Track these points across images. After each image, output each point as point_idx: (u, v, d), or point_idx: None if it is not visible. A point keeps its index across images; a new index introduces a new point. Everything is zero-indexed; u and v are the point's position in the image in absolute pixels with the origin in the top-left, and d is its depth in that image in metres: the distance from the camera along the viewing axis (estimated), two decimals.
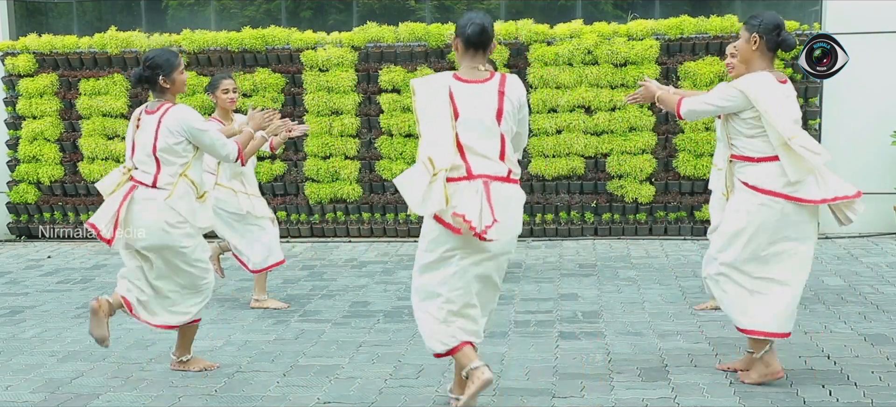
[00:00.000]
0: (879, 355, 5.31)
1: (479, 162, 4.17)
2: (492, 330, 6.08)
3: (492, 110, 4.20)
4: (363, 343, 5.84)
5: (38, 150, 10.38)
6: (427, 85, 4.28)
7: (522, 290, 7.30)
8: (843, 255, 8.50)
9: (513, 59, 9.82)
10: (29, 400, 4.93)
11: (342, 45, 9.94)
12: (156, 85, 5.04)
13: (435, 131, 4.18)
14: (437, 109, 4.19)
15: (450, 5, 10.89)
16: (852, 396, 4.64)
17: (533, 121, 9.70)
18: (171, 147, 4.95)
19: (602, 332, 5.98)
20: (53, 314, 6.86)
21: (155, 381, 5.19)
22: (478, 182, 4.13)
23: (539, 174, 9.79)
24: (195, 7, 11.19)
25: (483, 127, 4.18)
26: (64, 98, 10.42)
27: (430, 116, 4.20)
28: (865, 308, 6.44)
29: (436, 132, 4.17)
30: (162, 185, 4.97)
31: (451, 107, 4.19)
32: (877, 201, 9.66)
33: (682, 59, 9.56)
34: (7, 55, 10.45)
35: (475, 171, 4.15)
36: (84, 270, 8.61)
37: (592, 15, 10.36)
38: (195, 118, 5.02)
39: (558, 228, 9.77)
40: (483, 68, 4.29)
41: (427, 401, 4.76)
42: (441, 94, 4.20)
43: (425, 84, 4.28)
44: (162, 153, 4.96)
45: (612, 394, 4.77)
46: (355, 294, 7.28)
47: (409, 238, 9.86)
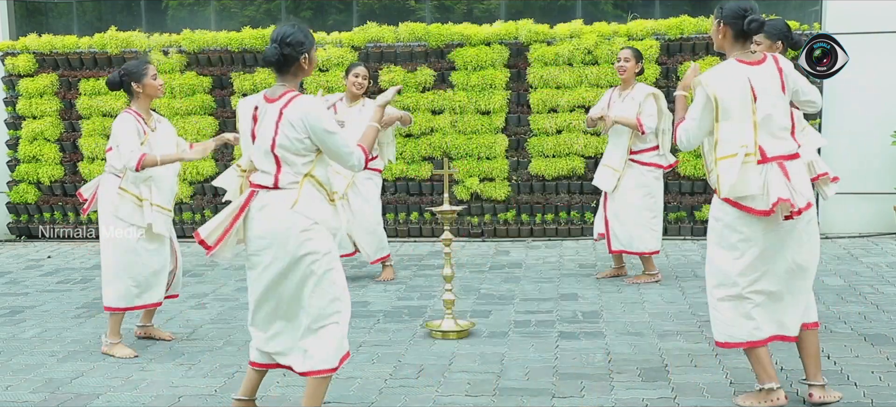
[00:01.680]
0: (879, 355, 5.31)
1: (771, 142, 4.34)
2: (492, 330, 6.08)
3: (778, 85, 4.40)
4: (363, 343, 5.84)
5: (38, 150, 10.38)
6: (721, 76, 4.37)
7: (522, 290, 7.30)
8: (843, 255, 8.50)
9: (513, 59, 9.82)
10: (29, 400, 4.93)
11: (342, 45, 9.94)
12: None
13: (738, 120, 4.30)
14: (739, 98, 4.31)
15: (450, 5, 10.89)
16: (852, 395, 4.64)
17: (532, 121, 9.71)
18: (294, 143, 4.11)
19: (602, 332, 5.98)
20: (53, 314, 6.87)
21: (155, 381, 5.19)
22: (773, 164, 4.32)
23: (539, 174, 9.79)
24: (195, 7, 11.20)
25: (781, 103, 4.37)
26: (64, 98, 10.42)
27: (730, 106, 4.30)
28: (865, 308, 6.44)
29: (739, 121, 4.30)
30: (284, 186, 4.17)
31: (751, 92, 4.32)
32: (877, 201, 9.66)
33: (682, 59, 9.56)
34: (7, 55, 10.45)
35: (768, 152, 4.32)
36: (84, 270, 8.61)
37: (592, 15, 10.36)
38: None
39: (558, 228, 9.77)
40: (754, 50, 4.48)
41: (427, 401, 4.76)
42: (742, 84, 4.32)
43: (717, 77, 4.37)
44: (281, 151, 4.14)
45: (612, 394, 4.77)
46: (355, 294, 7.27)
47: (408, 238, 9.86)
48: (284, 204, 4.08)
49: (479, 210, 9.90)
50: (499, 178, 9.82)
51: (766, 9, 9.97)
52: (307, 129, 4.05)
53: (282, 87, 4.15)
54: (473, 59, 9.67)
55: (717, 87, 4.32)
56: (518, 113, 9.84)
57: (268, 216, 4.10)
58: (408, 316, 6.52)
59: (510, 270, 8.17)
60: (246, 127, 4.21)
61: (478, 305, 6.84)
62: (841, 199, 9.48)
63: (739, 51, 4.43)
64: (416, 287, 7.49)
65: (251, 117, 4.18)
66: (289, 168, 4.10)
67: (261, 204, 4.13)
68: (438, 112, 9.86)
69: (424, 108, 9.81)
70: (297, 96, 4.10)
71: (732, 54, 4.44)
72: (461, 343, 5.78)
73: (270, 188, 4.11)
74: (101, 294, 7.48)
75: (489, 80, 9.69)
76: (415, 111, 9.80)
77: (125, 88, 5.69)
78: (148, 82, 5.64)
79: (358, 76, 7.40)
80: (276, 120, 4.06)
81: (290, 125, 4.04)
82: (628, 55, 7.27)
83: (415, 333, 6.05)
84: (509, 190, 9.86)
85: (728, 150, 4.29)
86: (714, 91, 4.30)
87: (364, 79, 7.43)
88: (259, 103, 4.17)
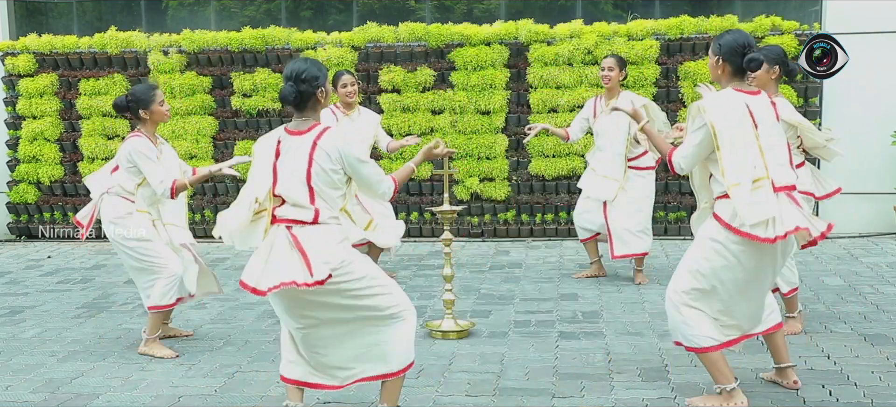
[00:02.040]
0: (879, 355, 5.31)
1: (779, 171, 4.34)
2: (492, 330, 6.08)
3: (773, 115, 4.40)
4: None
5: (39, 150, 10.39)
6: (720, 103, 4.33)
7: (522, 290, 7.30)
8: (843, 255, 8.50)
9: (513, 59, 9.82)
10: (29, 400, 4.93)
11: (342, 45, 9.94)
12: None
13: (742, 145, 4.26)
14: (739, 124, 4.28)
15: (450, 5, 10.89)
16: (852, 396, 4.65)
17: (532, 121, 9.70)
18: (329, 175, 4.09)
19: (602, 332, 5.98)
20: (53, 314, 6.87)
21: (155, 381, 5.19)
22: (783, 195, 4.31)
23: (539, 174, 9.79)
24: (195, 7, 11.20)
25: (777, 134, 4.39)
26: (64, 98, 10.42)
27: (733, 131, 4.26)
28: (865, 308, 6.44)
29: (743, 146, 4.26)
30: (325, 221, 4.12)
31: (751, 119, 4.30)
32: (877, 201, 9.67)
33: (682, 59, 9.56)
34: (7, 55, 10.45)
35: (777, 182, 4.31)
36: (84, 270, 8.61)
37: (592, 15, 10.37)
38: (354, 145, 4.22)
39: (558, 228, 9.77)
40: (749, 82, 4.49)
41: (427, 401, 4.76)
42: (742, 111, 4.30)
43: (717, 104, 4.32)
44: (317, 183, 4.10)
45: (612, 394, 4.77)
46: None
47: (408, 238, 9.86)
48: (334, 239, 4.06)
49: (479, 210, 9.90)
50: (499, 178, 9.82)
51: (766, 9, 9.98)
52: (342, 158, 4.06)
53: (306, 121, 4.14)
54: (473, 59, 9.68)
55: (715, 114, 4.28)
56: (518, 113, 9.84)
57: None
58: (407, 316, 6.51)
59: (510, 270, 8.17)
60: (267, 161, 4.13)
61: (478, 305, 6.84)
62: (841, 199, 9.43)
63: (737, 83, 4.43)
64: (416, 287, 7.49)
65: (274, 152, 4.13)
66: (324, 203, 4.08)
67: (305, 239, 4.04)
68: (438, 112, 9.86)
69: (424, 108, 9.81)
70: (328, 128, 4.11)
71: (729, 86, 4.43)
72: (461, 343, 5.79)
73: (310, 223, 4.06)
74: (101, 294, 7.52)
75: (489, 80, 9.70)
76: (415, 111, 9.81)
77: (132, 113, 5.67)
78: (155, 109, 5.64)
79: (346, 85, 7.28)
80: (310, 151, 4.05)
81: (326, 156, 4.04)
82: (612, 64, 7.23)
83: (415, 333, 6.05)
84: (509, 190, 9.86)
85: (737, 178, 4.23)
86: (711, 118, 4.26)
87: (352, 86, 7.33)
88: (282, 137, 4.14)
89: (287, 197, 4.08)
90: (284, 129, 4.17)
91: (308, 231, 4.05)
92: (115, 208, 5.67)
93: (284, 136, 4.14)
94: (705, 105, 4.32)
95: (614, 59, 7.26)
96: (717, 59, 4.41)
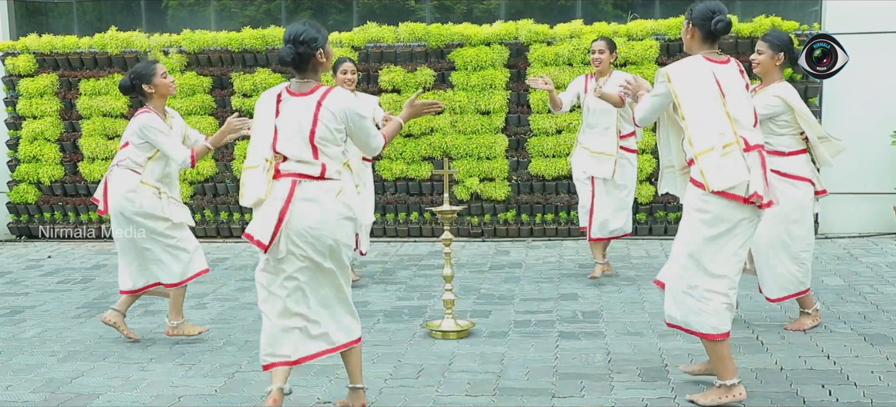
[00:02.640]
0: (879, 355, 5.31)
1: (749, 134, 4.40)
2: (492, 330, 6.09)
3: (742, 85, 4.46)
4: (363, 343, 5.83)
5: (39, 150, 10.38)
6: (685, 71, 4.40)
7: (522, 290, 7.30)
8: (843, 255, 8.50)
9: (513, 59, 9.82)
10: (29, 400, 4.93)
11: (342, 45, 9.94)
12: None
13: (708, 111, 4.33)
14: (703, 89, 4.35)
15: (450, 5, 10.89)
16: (852, 396, 4.65)
17: (532, 121, 9.71)
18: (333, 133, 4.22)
19: (602, 332, 5.98)
20: (53, 314, 6.87)
21: (155, 381, 5.19)
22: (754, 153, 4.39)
23: (539, 174, 9.79)
24: (195, 7, 11.20)
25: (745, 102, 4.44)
26: (64, 98, 10.42)
27: (699, 98, 4.34)
28: (865, 308, 6.44)
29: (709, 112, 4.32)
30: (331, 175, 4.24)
31: (718, 87, 4.36)
32: (877, 201, 9.66)
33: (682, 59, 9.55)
34: (7, 55, 10.45)
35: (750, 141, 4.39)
36: (84, 270, 8.61)
37: (592, 15, 10.36)
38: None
39: (558, 227, 9.77)
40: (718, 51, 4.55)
41: (427, 401, 4.76)
42: (708, 79, 4.36)
43: (682, 71, 4.40)
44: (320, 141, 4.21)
45: (612, 394, 4.77)
46: (355, 294, 7.26)
47: (408, 238, 9.86)
48: (332, 194, 4.19)
49: (479, 210, 9.90)
50: (499, 178, 9.82)
51: (766, 9, 9.98)
52: (347, 117, 4.18)
53: (307, 82, 4.23)
54: (473, 59, 9.68)
55: (678, 82, 4.38)
56: (518, 113, 9.84)
57: (319, 208, 4.15)
58: (408, 316, 6.52)
59: (510, 270, 8.18)
60: (268, 119, 4.22)
61: (478, 305, 6.84)
62: (841, 199, 9.49)
63: (706, 50, 4.49)
64: (416, 287, 7.49)
65: (274, 111, 4.22)
66: (329, 159, 4.18)
67: (308, 195, 4.16)
68: (438, 112, 9.85)
69: None
70: (332, 88, 4.24)
71: (699, 53, 4.49)
72: (461, 343, 5.79)
73: (317, 179, 4.16)
74: (101, 294, 7.52)
75: (489, 80, 9.70)
76: None
77: (137, 91, 5.79)
78: (158, 82, 5.74)
79: (346, 72, 7.34)
80: (315, 111, 4.15)
81: (332, 116, 4.15)
82: (603, 47, 7.29)
83: (415, 333, 6.06)
84: (509, 190, 9.86)
85: (706, 144, 4.30)
86: (674, 87, 4.38)
87: (352, 74, 7.38)
88: (283, 96, 4.22)
89: (290, 155, 4.17)
90: (285, 88, 4.25)
91: (315, 185, 4.16)
92: (123, 181, 5.74)
93: (286, 95, 4.22)
94: (670, 72, 4.42)
95: (604, 42, 7.32)
96: (688, 23, 4.51)
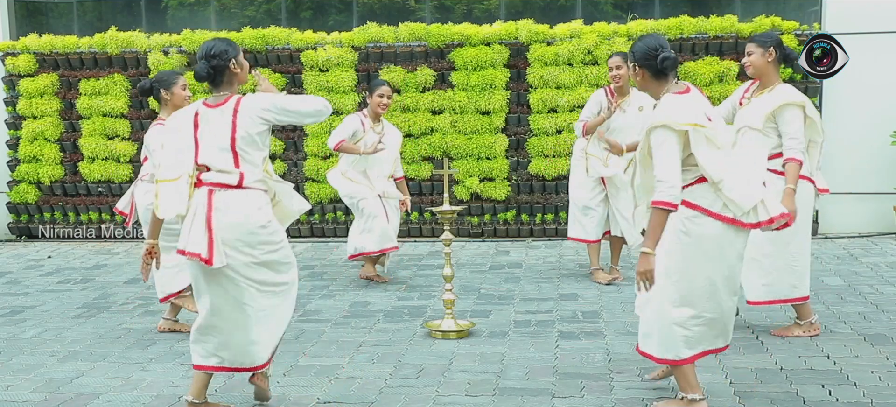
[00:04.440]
0: (879, 355, 5.31)
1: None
2: (492, 330, 6.09)
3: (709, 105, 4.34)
4: (363, 343, 5.85)
5: (39, 150, 10.39)
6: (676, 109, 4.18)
7: (522, 290, 7.31)
8: (842, 255, 8.50)
9: (513, 59, 9.82)
10: (29, 400, 4.93)
11: (342, 45, 9.94)
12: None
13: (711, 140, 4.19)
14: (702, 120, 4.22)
15: (450, 5, 10.89)
16: (852, 396, 4.65)
17: (532, 121, 9.71)
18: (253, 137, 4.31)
19: (602, 332, 5.98)
20: (53, 314, 6.87)
21: (155, 381, 5.19)
22: None
23: (539, 174, 9.79)
24: (195, 7, 11.20)
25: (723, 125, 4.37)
26: (64, 98, 10.42)
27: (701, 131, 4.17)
28: (865, 308, 6.44)
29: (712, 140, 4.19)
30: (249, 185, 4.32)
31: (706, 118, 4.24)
32: (877, 201, 9.66)
33: (682, 60, 9.56)
34: (7, 55, 10.45)
35: None
36: (84, 270, 8.62)
37: (592, 15, 10.37)
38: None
39: (558, 228, 9.77)
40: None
41: (427, 401, 4.76)
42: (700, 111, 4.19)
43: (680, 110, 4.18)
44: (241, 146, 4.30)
45: (612, 394, 4.78)
46: (355, 294, 7.28)
47: (408, 238, 9.86)
48: (249, 202, 4.27)
49: (479, 210, 9.90)
50: (499, 178, 9.83)
51: (766, 9, 9.98)
52: (267, 111, 4.28)
53: (223, 94, 4.38)
54: (473, 59, 9.68)
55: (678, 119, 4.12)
56: (518, 113, 9.85)
57: (234, 215, 4.24)
58: (408, 316, 6.52)
59: (510, 270, 8.18)
60: (188, 134, 4.33)
61: (478, 305, 6.84)
62: (840, 199, 9.49)
63: (667, 87, 4.28)
64: (416, 287, 7.49)
65: (192, 124, 4.33)
66: (249, 166, 4.28)
67: (223, 204, 4.24)
68: (438, 112, 9.86)
69: (424, 108, 9.82)
70: (243, 95, 4.38)
71: (663, 92, 4.28)
72: (461, 343, 5.79)
73: (234, 187, 4.27)
74: (101, 294, 7.52)
75: (489, 80, 9.70)
76: (415, 111, 9.81)
77: (154, 95, 5.98)
78: (177, 91, 5.94)
79: (384, 96, 7.26)
80: (232, 118, 4.27)
81: (249, 119, 4.26)
82: (619, 62, 6.98)
83: (415, 333, 6.06)
84: (509, 190, 9.87)
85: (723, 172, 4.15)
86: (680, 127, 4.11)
87: (389, 98, 7.30)
88: (199, 110, 4.34)
89: (211, 165, 4.28)
90: (202, 103, 4.38)
91: (231, 195, 4.25)
92: (146, 195, 5.91)
93: (202, 109, 4.34)
94: (664, 120, 4.14)
95: (621, 58, 7.00)
96: (633, 66, 4.32)
